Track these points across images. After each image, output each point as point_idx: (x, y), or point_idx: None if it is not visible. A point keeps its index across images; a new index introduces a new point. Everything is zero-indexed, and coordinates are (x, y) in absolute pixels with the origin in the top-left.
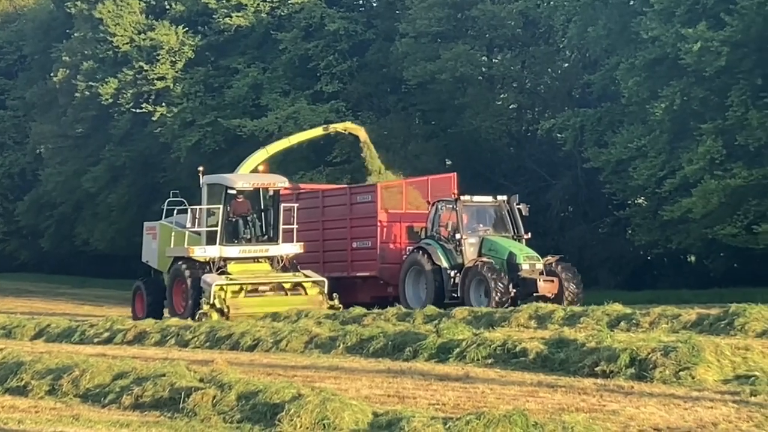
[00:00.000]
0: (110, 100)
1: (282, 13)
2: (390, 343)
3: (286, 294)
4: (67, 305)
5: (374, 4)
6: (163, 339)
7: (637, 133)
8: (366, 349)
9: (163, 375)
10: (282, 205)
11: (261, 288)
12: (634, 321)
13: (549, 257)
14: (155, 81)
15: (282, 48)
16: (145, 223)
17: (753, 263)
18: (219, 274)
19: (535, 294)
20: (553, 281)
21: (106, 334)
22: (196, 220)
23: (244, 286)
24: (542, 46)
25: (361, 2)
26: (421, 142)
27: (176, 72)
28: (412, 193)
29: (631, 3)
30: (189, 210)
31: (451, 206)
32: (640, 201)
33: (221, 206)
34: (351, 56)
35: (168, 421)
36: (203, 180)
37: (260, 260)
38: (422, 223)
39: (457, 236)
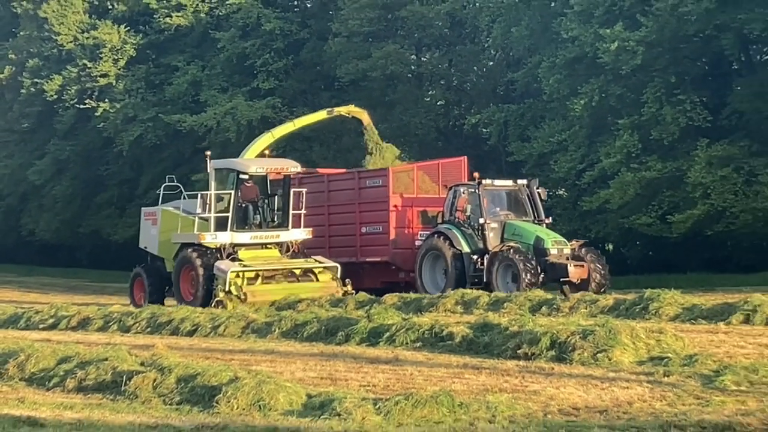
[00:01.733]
0: (55, 97)
1: (220, 13)
2: (323, 327)
3: (298, 280)
4: (13, 293)
5: (308, 5)
6: (106, 325)
7: (558, 128)
8: (300, 334)
9: (106, 359)
10: (292, 190)
11: (275, 274)
12: (554, 306)
13: (573, 242)
14: (98, 78)
15: (220, 47)
16: (143, 208)
17: (667, 251)
18: (230, 260)
19: (562, 279)
20: (582, 266)
21: (51, 320)
22: (207, 205)
23: (261, 273)
24: (468, 46)
25: (295, 3)
26: (354, 137)
27: (118, 69)
28: (422, 177)
29: (552, 4)
30: (199, 195)
31: (472, 190)
32: (561, 192)
33: (232, 191)
34: (286, 54)
35: (110, 403)
36: (211, 165)
37: (268, 246)
38: (434, 207)
39: (480, 221)
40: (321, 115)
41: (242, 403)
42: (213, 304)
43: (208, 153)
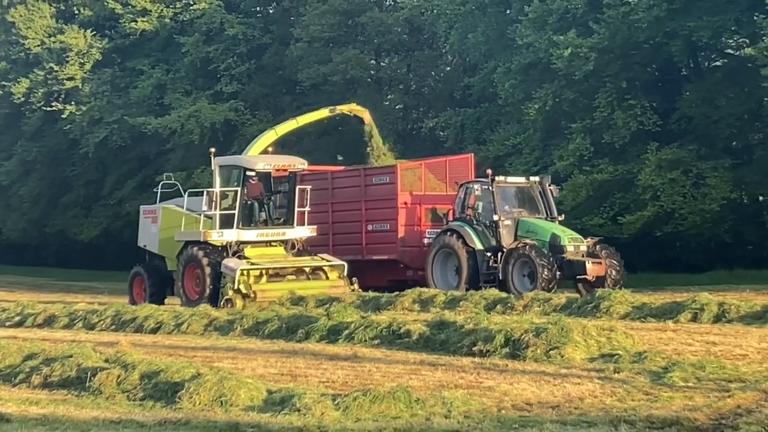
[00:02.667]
0: (22, 99)
1: (184, 19)
2: (284, 325)
3: (308, 278)
4: None
5: (271, 11)
6: (71, 322)
7: (512, 131)
8: (262, 331)
9: (71, 356)
10: (297, 187)
11: (282, 272)
12: (509, 304)
13: (588, 239)
14: (65, 81)
15: (184, 51)
16: (141, 206)
17: (617, 251)
18: (237, 258)
19: (578, 276)
20: (600, 263)
21: (17, 318)
22: (213, 203)
23: (268, 271)
24: (426, 51)
25: (258, 9)
26: (315, 139)
27: (85, 73)
28: (428, 174)
29: (508, 12)
30: (205, 193)
31: (485, 187)
32: None
33: (238, 189)
34: (249, 59)
35: (75, 399)
36: (215, 162)
37: (273, 244)
38: (442, 204)
39: (495, 218)
40: (323, 113)
41: (204, 399)
42: (222, 303)
43: (213, 150)
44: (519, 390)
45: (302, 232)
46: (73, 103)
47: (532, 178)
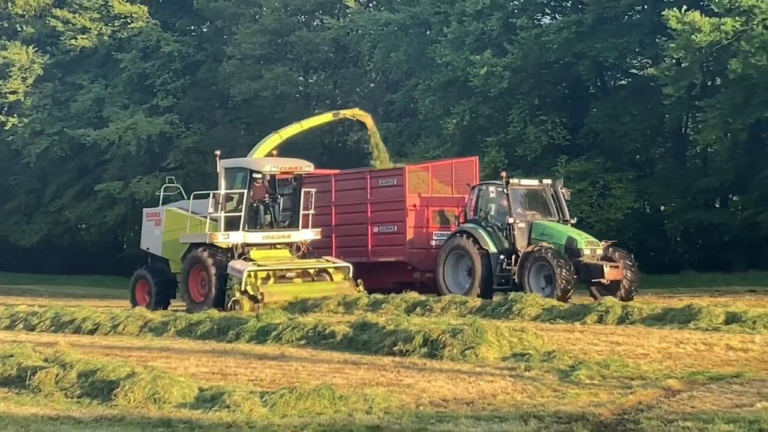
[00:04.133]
0: None
1: (122, 36)
2: (215, 326)
3: (313, 280)
4: None
5: (204, 30)
6: (12, 324)
7: (432, 144)
8: (194, 332)
9: (11, 355)
10: (303, 190)
11: (289, 274)
12: (428, 307)
13: (603, 242)
14: (8, 95)
15: (122, 67)
16: (144, 209)
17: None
18: (243, 260)
19: (594, 279)
20: (617, 267)
21: None
22: (219, 205)
23: (275, 273)
24: (351, 69)
25: (193, 27)
26: (246, 151)
27: (27, 87)
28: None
29: (428, 33)
30: (211, 195)
31: (500, 189)
32: None
33: (245, 191)
34: (184, 75)
35: (15, 397)
36: (221, 164)
37: (278, 246)
38: (449, 206)
39: (510, 220)
40: (327, 117)
41: (139, 397)
42: (229, 305)
43: (218, 152)
44: (436, 387)
45: (307, 234)
46: (15, 115)
47: (545, 181)
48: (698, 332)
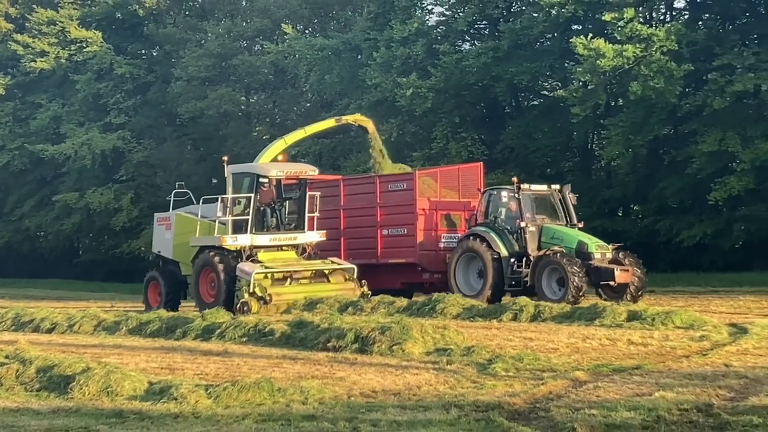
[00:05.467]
0: None
1: (78, 59)
2: (164, 325)
3: (328, 280)
4: None
5: (154, 53)
6: None
7: (363, 159)
8: (144, 331)
9: None
10: (308, 194)
11: (295, 276)
12: (359, 306)
13: (610, 246)
14: None
15: (78, 87)
16: (155, 214)
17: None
18: (251, 262)
19: (602, 282)
20: (627, 270)
21: None
22: (228, 209)
23: (283, 274)
24: (289, 89)
25: (143, 51)
26: (192, 165)
27: None
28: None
29: (359, 57)
30: (220, 199)
31: (512, 194)
32: None
33: (252, 195)
34: (135, 95)
35: None
36: (228, 169)
37: (284, 248)
38: (455, 210)
39: (522, 224)
40: (330, 122)
41: (93, 390)
42: (238, 306)
43: (226, 158)
44: (366, 380)
45: (312, 236)
46: None
47: (553, 186)
48: (603, 329)
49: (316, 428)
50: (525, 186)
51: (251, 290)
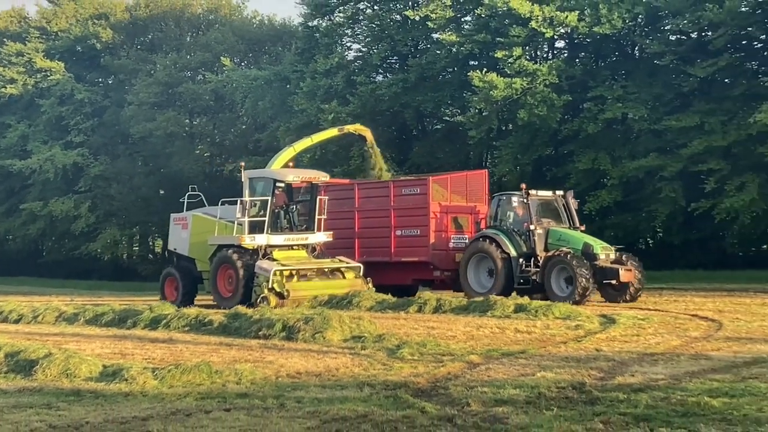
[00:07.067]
0: None
1: (43, 86)
2: (117, 316)
3: (329, 278)
4: None
5: (110, 81)
6: None
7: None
8: (99, 321)
9: None
10: (318, 197)
11: (309, 273)
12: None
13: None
14: None
15: (43, 110)
16: (172, 214)
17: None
18: (268, 260)
19: (605, 281)
20: (630, 270)
21: None
22: (246, 211)
23: (298, 272)
24: (227, 114)
25: (100, 79)
26: (142, 178)
27: None
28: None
29: (288, 86)
30: (239, 202)
31: (522, 199)
32: None
33: (269, 198)
34: (93, 117)
35: None
36: (245, 174)
37: (295, 247)
38: (464, 213)
39: (531, 227)
40: (333, 132)
41: (54, 372)
42: (258, 301)
43: (243, 164)
44: (292, 363)
45: (321, 237)
46: None
47: (557, 192)
48: (494, 319)
49: (248, 405)
50: (532, 192)
51: (270, 286)
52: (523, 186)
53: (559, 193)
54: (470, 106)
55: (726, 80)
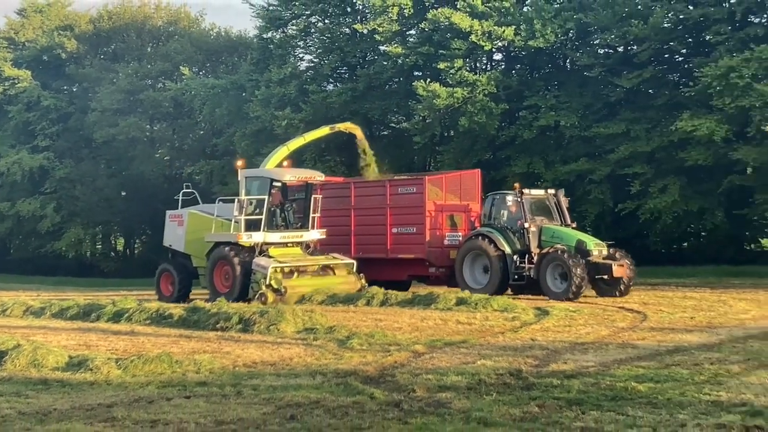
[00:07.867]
0: None
1: (11, 93)
2: (81, 310)
3: (325, 274)
4: None
5: (74, 89)
6: None
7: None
8: (65, 315)
9: None
10: (313, 196)
11: (303, 269)
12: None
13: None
14: None
15: (11, 116)
16: (167, 211)
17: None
18: (265, 257)
19: (597, 276)
20: (623, 266)
21: None
22: (244, 209)
23: (295, 268)
24: (186, 120)
25: (65, 87)
26: (106, 180)
27: None
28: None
29: (243, 94)
30: (236, 201)
31: (517, 198)
32: None
33: (266, 197)
34: (58, 122)
35: None
36: (242, 173)
37: (290, 245)
38: (458, 212)
39: (526, 224)
40: (325, 130)
41: (23, 363)
42: (256, 297)
43: (239, 163)
44: (248, 353)
45: (315, 234)
46: None
47: (549, 191)
48: (437, 311)
49: (207, 392)
50: (526, 191)
51: (267, 282)
52: (517, 185)
53: (551, 191)
54: (415, 113)
55: (650, 91)
